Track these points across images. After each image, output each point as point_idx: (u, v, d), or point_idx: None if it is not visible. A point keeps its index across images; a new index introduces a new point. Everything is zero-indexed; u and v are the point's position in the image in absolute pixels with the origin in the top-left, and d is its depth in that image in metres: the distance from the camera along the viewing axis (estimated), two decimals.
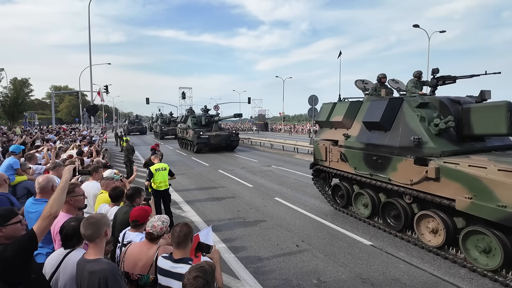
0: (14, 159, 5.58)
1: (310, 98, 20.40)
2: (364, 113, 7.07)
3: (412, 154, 5.80)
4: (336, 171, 7.99)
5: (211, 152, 21.56)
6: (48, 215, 2.18)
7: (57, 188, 2.33)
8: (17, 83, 47.55)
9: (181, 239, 2.40)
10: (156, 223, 2.76)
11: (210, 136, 21.02)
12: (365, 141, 6.92)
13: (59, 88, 78.34)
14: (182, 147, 24.59)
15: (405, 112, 6.19)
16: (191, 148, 22.37)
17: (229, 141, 21.92)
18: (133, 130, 46.00)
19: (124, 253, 2.81)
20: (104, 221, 2.32)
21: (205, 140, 20.83)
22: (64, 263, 2.37)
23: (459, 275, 4.93)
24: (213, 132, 21.72)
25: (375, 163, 6.59)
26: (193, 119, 23.65)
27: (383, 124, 6.42)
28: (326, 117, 8.21)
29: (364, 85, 8.70)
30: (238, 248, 6.02)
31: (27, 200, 3.31)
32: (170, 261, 2.40)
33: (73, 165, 2.84)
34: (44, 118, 59.77)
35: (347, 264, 5.33)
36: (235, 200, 9.49)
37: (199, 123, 23.24)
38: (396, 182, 6.15)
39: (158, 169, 6.96)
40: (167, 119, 40.39)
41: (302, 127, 53.12)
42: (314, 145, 8.84)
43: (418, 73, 7.47)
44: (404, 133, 6.03)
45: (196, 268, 1.93)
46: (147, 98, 49.53)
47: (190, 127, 22.93)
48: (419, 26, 27.87)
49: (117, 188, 4.02)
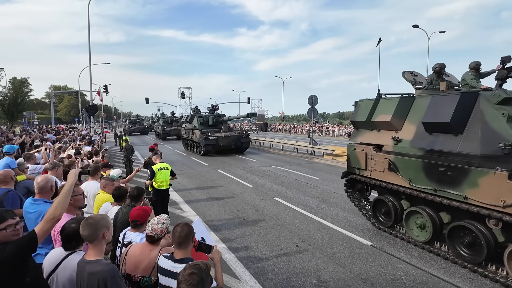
0: (11, 159, 5.58)
1: (310, 98, 20.35)
2: (423, 112, 5.69)
3: (502, 166, 4.42)
4: (381, 183, 6.53)
5: (219, 155, 20.02)
6: (52, 218, 2.18)
7: (62, 192, 2.33)
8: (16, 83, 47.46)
9: (182, 239, 2.39)
10: (156, 225, 2.73)
11: (219, 138, 19.35)
12: (425, 147, 5.55)
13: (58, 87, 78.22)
14: (188, 149, 22.96)
15: (484, 110, 4.88)
16: (197, 150, 20.78)
17: (239, 143, 20.11)
18: (135, 130, 44.98)
19: (125, 254, 2.79)
20: (103, 223, 2.29)
21: (214, 141, 19.18)
22: (63, 265, 2.35)
23: (459, 275, 4.92)
24: (222, 133, 19.91)
25: (442, 176, 5.19)
26: (199, 118, 22.15)
27: (454, 125, 5.07)
28: (367, 117, 6.81)
29: (414, 77, 7.36)
30: (238, 248, 6.01)
31: (26, 200, 3.29)
32: (171, 261, 2.39)
33: (79, 169, 2.84)
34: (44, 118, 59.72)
35: (347, 264, 5.32)
36: (235, 200, 9.47)
37: (206, 123, 21.84)
38: (477, 201, 4.69)
39: (161, 169, 6.99)
40: (169, 119, 39.09)
41: (302, 127, 53.15)
42: (349, 150, 7.40)
43: (476, 64, 6.29)
44: (487, 138, 4.70)
45: (191, 266, 1.93)
46: (146, 98, 49.44)
47: (197, 127, 21.48)
48: (418, 26, 27.91)
49: (121, 188, 4.02)
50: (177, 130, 32.24)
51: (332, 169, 15.24)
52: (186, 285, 1.83)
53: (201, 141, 19.49)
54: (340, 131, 43.96)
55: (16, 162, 5.57)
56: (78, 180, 4.48)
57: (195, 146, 21.38)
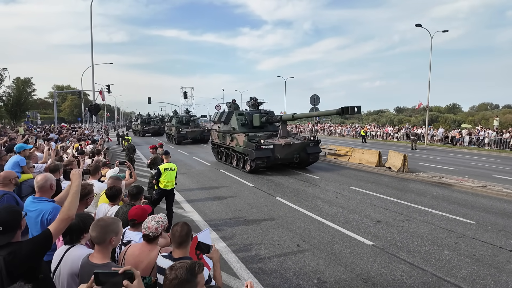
0: (20, 157, 5.62)
1: (312, 98, 20.30)
2: None
3: None
4: None
5: (271, 171, 14.48)
6: (66, 217, 2.23)
7: (71, 193, 2.38)
8: (20, 83, 47.81)
9: (183, 238, 2.39)
10: (150, 223, 2.69)
11: (276, 146, 13.57)
12: None
13: (61, 87, 78.54)
14: (222, 159, 17.26)
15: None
16: (238, 163, 15.08)
17: (304, 154, 14.39)
18: (149, 131, 40.37)
19: (123, 254, 2.78)
20: (113, 227, 2.26)
21: (268, 153, 13.42)
22: (64, 259, 2.40)
23: (460, 275, 4.89)
24: (280, 140, 13.87)
25: None
26: (239, 117, 16.41)
27: None
28: None
29: None
30: (238, 247, 6.01)
31: (27, 198, 3.31)
32: (169, 260, 2.39)
33: (81, 169, 2.87)
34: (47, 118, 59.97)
35: (348, 264, 5.30)
36: (236, 200, 9.47)
37: (249, 124, 16.06)
38: None
39: (167, 169, 7.07)
40: (184, 119, 31.24)
41: (304, 127, 53.06)
42: None
43: None
44: None
45: (179, 263, 1.88)
46: (149, 98, 49.62)
47: (236, 129, 15.78)
48: (421, 25, 27.73)
49: (113, 187, 3.93)
50: (194, 132, 28.67)
51: (334, 169, 15.21)
52: (168, 280, 1.78)
53: (248, 152, 13.48)
54: (343, 130, 43.89)
55: (25, 160, 5.62)
56: None
57: (234, 157, 15.46)
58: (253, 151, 13.03)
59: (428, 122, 31.07)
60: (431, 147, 26.69)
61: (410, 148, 24.18)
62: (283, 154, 13.66)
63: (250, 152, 13.30)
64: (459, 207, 8.65)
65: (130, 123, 48.63)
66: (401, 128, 37.19)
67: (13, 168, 5.38)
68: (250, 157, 13.35)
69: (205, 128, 30.34)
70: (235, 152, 15.05)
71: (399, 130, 36.03)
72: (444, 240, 6.34)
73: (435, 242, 6.23)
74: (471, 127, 33.11)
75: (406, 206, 8.74)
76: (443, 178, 12.22)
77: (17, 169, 5.40)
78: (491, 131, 26.05)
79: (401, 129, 36.75)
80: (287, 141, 13.73)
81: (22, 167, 5.46)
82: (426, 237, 6.46)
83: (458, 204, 8.95)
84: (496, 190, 10.19)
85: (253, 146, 13.07)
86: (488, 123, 41.62)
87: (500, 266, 5.21)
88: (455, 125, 45.55)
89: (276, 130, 15.62)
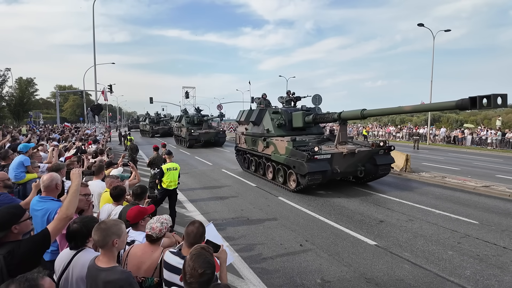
0: (25, 157, 5.65)
1: (314, 97, 20.22)
2: None
3: None
4: None
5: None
6: (65, 217, 2.26)
7: (70, 192, 2.40)
8: (23, 83, 48.00)
9: (197, 239, 2.41)
10: (154, 225, 2.70)
11: (338, 156, 9.97)
12: None
13: (63, 87, 78.79)
14: (256, 172, 13.23)
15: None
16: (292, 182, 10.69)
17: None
18: (158, 131, 38.28)
19: (126, 254, 2.79)
20: (114, 230, 2.22)
21: (326, 166, 9.69)
22: (72, 264, 2.36)
23: (464, 276, 4.88)
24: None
25: None
26: (273, 115, 12.79)
27: None
28: None
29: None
30: (241, 247, 6.02)
31: (33, 198, 3.33)
32: (178, 257, 2.40)
33: (81, 169, 2.88)
34: (49, 118, 60.20)
35: (351, 264, 5.30)
36: (239, 199, 9.48)
37: (285, 126, 12.41)
38: None
39: (170, 169, 7.10)
40: (195, 119, 27.85)
41: None
42: None
43: None
44: None
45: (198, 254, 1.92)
46: (150, 98, 49.57)
47: (272, 132, 12.26)
48: (423, 25, 27.63)
49: (118, 187, 3.95)
50: (208, 134, 25.13)
51: None
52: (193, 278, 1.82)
53: (295, 164, 9.78)
54: None
55: (30, 160, 5.65)
56: None
57: (268, 167, 11.93)
58: (304, 162, 9.30)
59: (430, 121, 30.99)
60: (434, 147, 26.62)
61: (412, 148, 24.14)
62: (343, 167, 9.89)
63: (299, 164, 9.54)
64: (462, 207, 8.63)
65: (132, 123, 48.07)
66: (403, 128, 37.11)
67: (17, 168, 5.43)
68: (299, 171, 9.59)
69: (219, 130, 27.32)
70: (271, 162, 11.56)
71: (401, 129, 35.96)
72: (448, 240, 6.33)
73: (439, 242, 6.22)
74: (474, 126, 33.01)
75: (409, 206, 8.72)
76: (445, 178, 12.18)
77: (21, 169, 5.45)
78: (493, 130, 25.96)
79: (403, 128, 36.68)
80: (350, 148, 10.04)
81: (27, 166, 5.50)
82: (430, 237, 6.45)
83: (461, 204, 8.93)
84: (500, 190, 10.15)
85: (303, 156, 9.33)
86: (490, 122, 41.46)
87: (504, 266, 5.20)
88: (457, 125, 45.36)
89: (320, 132, 12.99)
